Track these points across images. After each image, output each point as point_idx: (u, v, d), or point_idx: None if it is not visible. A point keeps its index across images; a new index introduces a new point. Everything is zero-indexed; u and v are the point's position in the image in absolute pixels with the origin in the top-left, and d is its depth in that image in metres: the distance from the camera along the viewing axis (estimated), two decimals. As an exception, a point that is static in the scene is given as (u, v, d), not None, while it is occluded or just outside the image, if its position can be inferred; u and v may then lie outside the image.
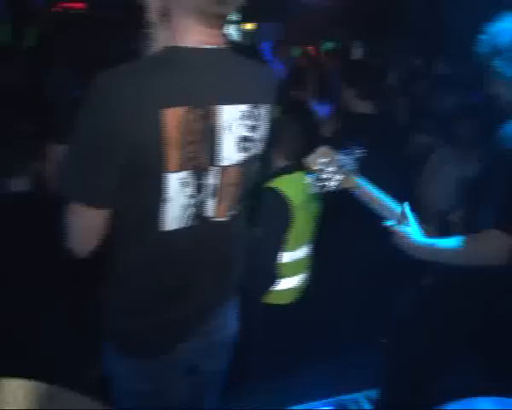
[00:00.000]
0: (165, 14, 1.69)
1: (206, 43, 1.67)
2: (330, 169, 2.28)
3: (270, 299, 2.96)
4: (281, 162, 2.96)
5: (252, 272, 2.80)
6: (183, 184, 1.66)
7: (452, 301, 2.42)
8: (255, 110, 1.78)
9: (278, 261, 2.90)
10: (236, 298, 2.09)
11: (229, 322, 2.05)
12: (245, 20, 11.42)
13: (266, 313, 2.98)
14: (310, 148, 2.50)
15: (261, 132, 1.84)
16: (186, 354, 1.89)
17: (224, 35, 1.75)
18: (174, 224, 1.71)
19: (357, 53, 8.16)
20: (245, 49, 7.17)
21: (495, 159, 2.20)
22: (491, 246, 2.15)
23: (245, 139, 1.77)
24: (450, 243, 2.25)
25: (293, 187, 2.89)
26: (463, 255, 2.22)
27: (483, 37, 2.27)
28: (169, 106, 1.56)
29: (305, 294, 3.11)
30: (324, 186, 2.27)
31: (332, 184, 2.28)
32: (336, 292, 3.47)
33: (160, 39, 1.71)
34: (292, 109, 4.25)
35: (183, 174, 1.65)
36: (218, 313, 1.96)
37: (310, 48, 8.93)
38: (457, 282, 2.39)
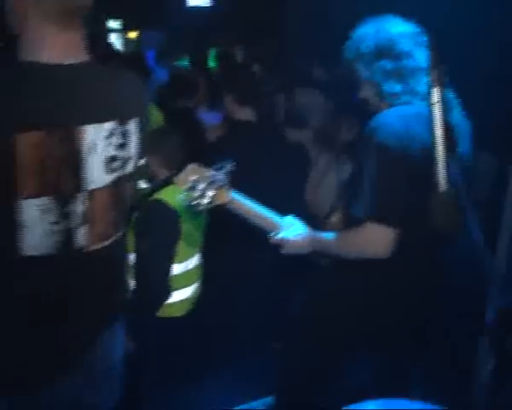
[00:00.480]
0: (21, 24, 1.57)
1: (66, 57, 1.56)
2: (201, 186, 2.23)
3: (164, 313, 2.89)
4: (164, 173, 2.89)
5: (143, 287, 2.76)
6: (43, 211, 1.54)
7: (338, 301, 2.44)
8: (123, 127, 1.67)
9: (170, 274, 2.84)
10: (121, 323, 1.99)
11: (113, 350, 1.94)
12: (127, 28, 11.27)
13: (161, 327, 2.92)
14: (194, 157, 2.46)
15: (131, 150, 1.72)
16: (67, 389, 1.75)
17: (86, 46, 1.65)
18: (37, 250, 1.58)
19: (239, 58, 8.22)
20: (129, 57, 7.05)
21: (362, 153, 2.26)
22: (368, 239, 2.19)
23: (113, 159, 1.66)
24: (332, 238, 2.31)
25: (178, 197, 2.82)
26: (345, 250, 2.27)
27: (348, 42, 2.33)
28: (22, 130, 1.43)
29: (199, 304, 3.06)
30: (198, 204, 2.23)
31: (205, 201, 2.24)
32: (228, 300, 3.46)
33: (20, 52, 1.58)
34: (174, 118, 4.22)
35: (41, 200, 1.53)
36: (100, 341, 1.84)
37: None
38: (343, 283, 2.43)
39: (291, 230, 2.39)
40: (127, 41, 11.03)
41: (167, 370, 2.94)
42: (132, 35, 11.07)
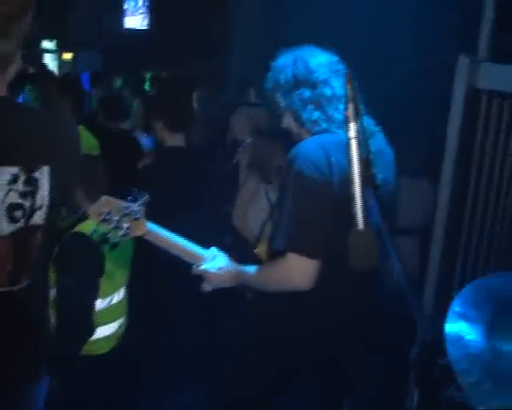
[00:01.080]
0: None
1: None
2: (115, 218, 2.16)
3: (88, 350, 2.77)
4: (86, 205, 2.78)
5: (66, 324, 2.64)
6: None
7: (263, 331, 2.39)
8: (30, 174, 1.55)
9: (93, 309, 2.73)
10: (42, 373, 1.87)
11: (36, 401, 1.82)
12: (62, 49, 11.07)
13: (86, 366, 2.79)
14: (119, 186, 2.40)
15: (41, 200, 1.60)
16: None
17: (4, 83, 1.55)
18: None
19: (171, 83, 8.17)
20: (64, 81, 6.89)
21: (282, 182, 2.26)
22: (287, 271, 2.15)
23: (16, 207, 1.55)
24: (255, 272, 2.27)
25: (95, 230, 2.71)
26: (266, 283, 2.24)
27: (268, 73, 2.35)
28: None
29: (124, 340, 2.96)
30: (113, 236, 2.15)
31: (120, 233, 2.17)
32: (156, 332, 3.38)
33: None
34: (105, 142, 4.10)
35: None
36: (18, 396, 1.72)
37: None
38: (267, 313, 2.39)
39: (214, 262, 2.33)
40: (62, 62, 10.82)
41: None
42: (67, 56, 10.88)
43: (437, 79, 4.91)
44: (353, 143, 1.58)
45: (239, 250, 2.51)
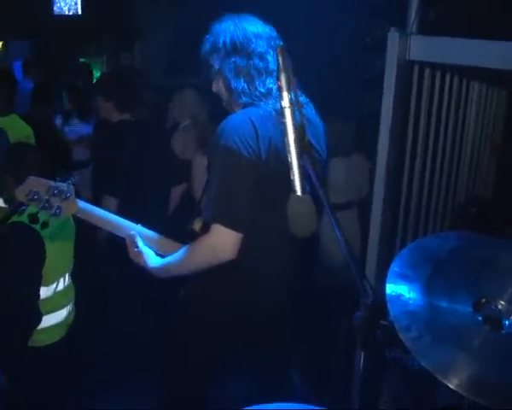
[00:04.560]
0: None
1: None
2: (44, 198, 2.21)
3: (37, 340, 2.73)
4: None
5: (10, 315, 2.59)
6: None
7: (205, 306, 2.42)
8: None
9: (37, 298, 2.68)
10: None
11: None
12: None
13: (34, 357, 2.75)
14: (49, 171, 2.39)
15: None
16: None
17: None
18: None
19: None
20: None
21: (210, 156, 2.30)
22: (211, 242, 2.19)
23: None
24: (179, 253, 2.29)
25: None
26: (193, 260, 2.26)
27: (207, 36, 2.38)
28: None
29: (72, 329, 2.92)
30: (44, 216, 2.21)
31: (51, 212, 2.23)
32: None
33: None
34: (35, 129, 4.06)
35: None
36: None
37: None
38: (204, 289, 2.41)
39: (146, 250, 2.38)
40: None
41: (42, 403, 2.78)
42: (-3, 46, 10.53)
43: (368, 54, 5.01)
44: (287, 112, 1.61)
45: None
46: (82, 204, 2.32)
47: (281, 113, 1.64)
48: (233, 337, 2.40)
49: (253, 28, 2.32)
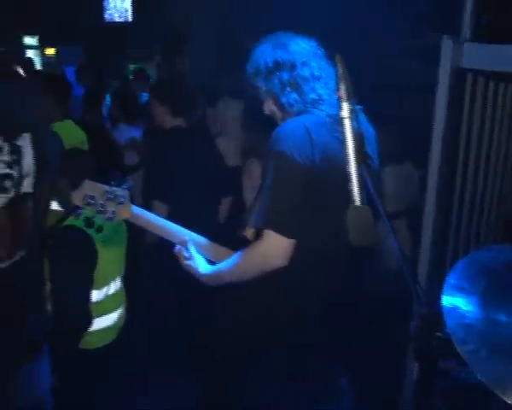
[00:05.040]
0: None
1: None
2: (100, 202, 2.27)
3: (86, 343, 2.77)
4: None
5: (62, 317, 2.64)
6: None
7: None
8: (13, 142, 1.59)
9: (89, 301, 2.72)
10: (43, 353, 1.89)
11: (37, 382, 1.83)
12: (45, 44, 10.99)
13: (84, 359, 2.80)
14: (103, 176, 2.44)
15: (26, 166, 1.64)
16: None
17: None
18: None
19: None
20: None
21: (264, 164, 2.31)
22: (262, 250, 2.20)
23: (5, 177, 1.57)
24: (231, 261, 2.31)
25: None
26: (244, 267, 2.27)
27: (249, 60, 2.42)
28: None
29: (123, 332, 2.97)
30: (100, 220, 2.28)
31: (105, 216, 2.28)
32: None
33: None
34: (89, 134, 4.14)
35: None
36: (18, 374, 1.74)
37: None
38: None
39: (197, 257, 2.41)
40: (45, 57, 10.74)
41: (91, 403, 2.82)
42: (50, 51, 10.79)
43: (420, 61, 4.94)
44: (347, 122, 1.62)
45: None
46: (135, 209, 2.38)
47: (339, 122, 1.65)
48: (277, 342, 2.41)
49: (292, 42, 2.36)
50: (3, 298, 1.67)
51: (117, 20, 11.34)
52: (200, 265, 2.40)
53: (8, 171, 1.56)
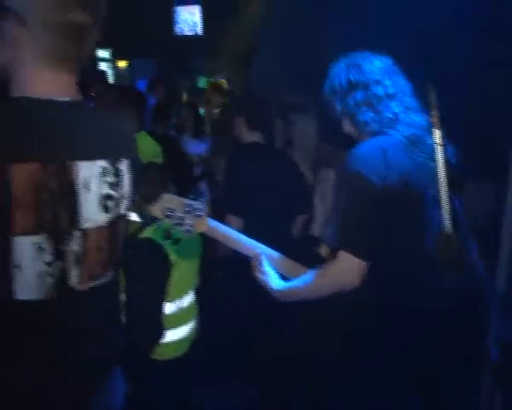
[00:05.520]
0: (14, 65, 1.57)
1: (59, 94, 1.56)
2: (178, 215, 2.31)
3: (159, 354, 2.81)
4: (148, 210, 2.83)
5: (135, 328, 2.68)
6: (38, 250, 1.50)
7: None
8: (115, 166, 1.67)
9: (162, 313, 2.76)
10: (118, 366, 1.92)
11: (114, 394, 1.87)
12: (117, 57, 11.30)
13: (157, 370, 2.84)
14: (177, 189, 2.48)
15: (125, 189, 1.72)
16: None
17: (77, 86, 1.65)
18: (29, 293, 1.52)
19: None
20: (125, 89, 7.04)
21: (339, 183, 2.30)
22: (336, 269, 2.20)
23: (108, 198, 1.65)
24: (303, 279, 2.32)
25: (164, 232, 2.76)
26: (318, 286, 2.28)
27: (325, 80, 2.44)
28: (17, 161, 1.42)
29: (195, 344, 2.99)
30: (178, 232, 2.34)
31: (183, 229, 2.32)
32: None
33: (13, 90, 1.59)
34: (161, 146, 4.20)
35: (36, 238, 1.49)
36: (100, 386, 1.78)
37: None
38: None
39: (270, 273, 2.44)
40: (118, 70, 11.04)
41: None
42: (122, 64, 11.09)
43: (502, 75, 4.78)
44: (439, 149, 1.60)
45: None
46: (212, 222, 2.43)
47: (415, 143, 1.64)
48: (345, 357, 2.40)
49: (366, 61, 2.36)
50: (92, 314, 1.71)
51: (187, 33, 11.57)
52: (273, 280, 2.43)
53: (111, 192, 1.63)
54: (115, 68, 11.10)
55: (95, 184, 1.61)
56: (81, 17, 1.55)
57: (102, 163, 1.63)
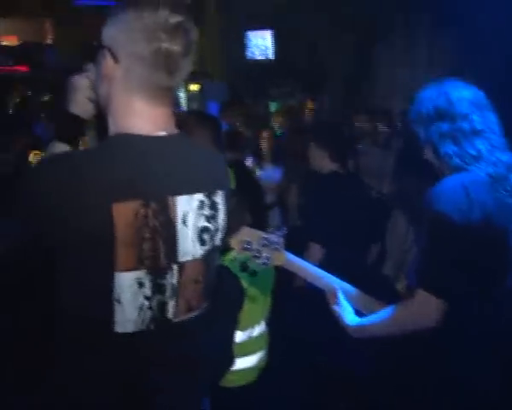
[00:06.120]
0: (110, 100, 1.62)
1: (156, 129, 1.58)
2: (256, 248, 2.32)
3: (228, 381, 2.81)
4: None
5: (208, 354, 2.69)
6: (138, 285, 1.53)
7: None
8: (212, 198, 1.68)
9: (233, 341, 2.75)
10: (206, 397, 1.95)
11: None
12: (189, 80, 11.50)
13: (225, 397, 2.83)
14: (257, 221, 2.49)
15: (220, 221, 1.72)
16: None
17: (173, 117, 1.66)
18: (128, 326, 1.55)
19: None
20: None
21: (419, 218, 2.28)
22: (415, 309, 2.16)
23: (205, 231, 1.66)
24: (379, 316, 2.28)
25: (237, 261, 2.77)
26: (394, 325, 2.24)
27: (412, 105, 2.40)
28: (119, 200, 1.46)
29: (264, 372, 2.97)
30: (255, 265, 2.35)
31: (260, 262, 2.33)
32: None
33: (111, 126, 1.63)
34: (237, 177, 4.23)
35: (137, 273, 1.52)
36: None
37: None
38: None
39: (346, 308, 2.40)
40: (189, 93, 11.22)
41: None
42: (194, 87, 11.28)
43: None
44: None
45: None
46: (289, 255, 2.42)
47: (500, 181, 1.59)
48: None
49: (456, 92, 2.29)
50: (187, 345, 1.73)
51: (258, 57, 11.69)
52: (348, 315, 2.39)
53: (207, 224, 1.64)
54: (187, 91, 11.29)
55: (192, 217, 1.62)
56: (172, 47, 1.55)
57: (200, 196, 1.64)
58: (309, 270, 2.48)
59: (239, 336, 2.78)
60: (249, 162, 5.64)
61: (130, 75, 1.57)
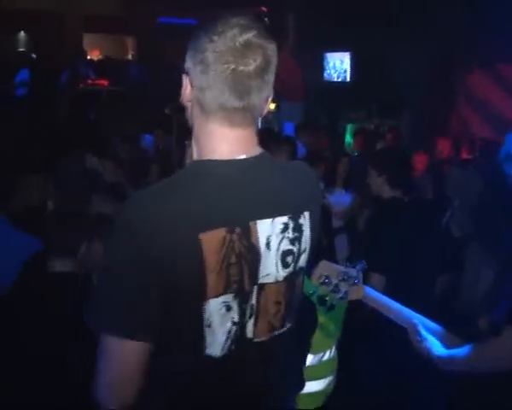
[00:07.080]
0: (192, 123, 1.64)
1: (235, 151, 1.58)
2: (334, 282, 2.33)
3: (298, 404, 2.82)
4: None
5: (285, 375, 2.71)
6: (226, 309, 1.57)
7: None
8: (297, 220, 1.67)
9: (304, 364, 2.77)
10: None
11: None
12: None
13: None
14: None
15: (305, 244, 1.71)
16: None
17: (255, 138, 1.65)
18: (217, 349, 1.59)
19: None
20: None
21: (507, 254, 2.31)
22: (501, 345, 2.14)
23: (288, 253, 1.66)
24: (465, 350, 2.26)
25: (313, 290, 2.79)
26: (477, 363, 2.22)
27: (503, 146, 2.38)
28: (206, 229, 1.48)
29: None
30: (332, 299, 2.35)
31: (338, 296, 2.35)
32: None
33: (194, 150, 1.66)
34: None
35: (225, 298, 1.56)
36: None
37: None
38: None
39: (430, 340, 2.38)
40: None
41: None
42: (271, 107, 11.31)
43: None
44: None
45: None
46: (367, 289, 2.45)
47: None
48: None
49: None
50: (270, 366, 1.75)
51: (335, 79, 11.68)
52: (435, 345, 2.36)
53: (290, 247, 1.65)
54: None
55: (275, 241, 1.63)
56: (239, 67, 1.52)
57: (284, 219, 1.64)
58: (388, 305, 2.48)
59: (309, 359, 2.79)
60: (320, 186, 5.58)
61: (202, 99, 1.57)
